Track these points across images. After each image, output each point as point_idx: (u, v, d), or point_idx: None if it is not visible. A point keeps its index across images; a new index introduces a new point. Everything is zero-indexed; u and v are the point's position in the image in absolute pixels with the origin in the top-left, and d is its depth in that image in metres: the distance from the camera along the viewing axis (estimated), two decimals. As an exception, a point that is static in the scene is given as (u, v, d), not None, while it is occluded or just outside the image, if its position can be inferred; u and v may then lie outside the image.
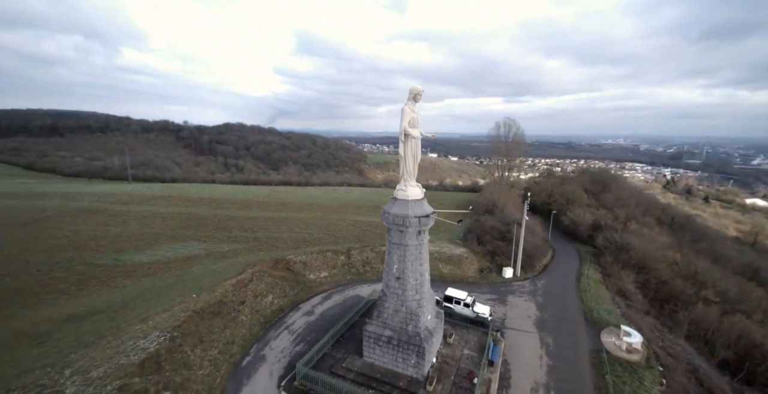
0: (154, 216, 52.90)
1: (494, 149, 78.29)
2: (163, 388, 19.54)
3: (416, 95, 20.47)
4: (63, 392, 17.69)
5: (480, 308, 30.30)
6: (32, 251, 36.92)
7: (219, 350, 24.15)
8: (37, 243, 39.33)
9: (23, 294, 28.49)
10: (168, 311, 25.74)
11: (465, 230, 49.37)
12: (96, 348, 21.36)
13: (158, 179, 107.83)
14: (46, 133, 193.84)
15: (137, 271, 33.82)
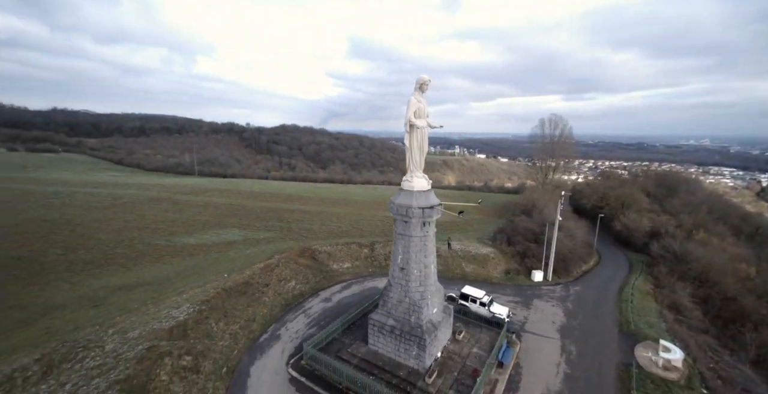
0: (207, 205, 58.72)
1: (537, 149, 73.31)
2: (185, 353, 21.75)
3: (422, 85, 20.36)
4: (103, 347, 20.60)
5: (497, 309, 29.05)
6: (105, 230, 43.29)
7: (240, 325, 26.16)
8: (110, 224, 45.96)
9: (91, 265, 33.63)
10: (201, 287, 28.49)
11: (496, 230, 47.37)
12: (137, 313, 24.45)
13: (220, 175, 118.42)
14: (135, 134, 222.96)
15: (183, 251, 37.95)
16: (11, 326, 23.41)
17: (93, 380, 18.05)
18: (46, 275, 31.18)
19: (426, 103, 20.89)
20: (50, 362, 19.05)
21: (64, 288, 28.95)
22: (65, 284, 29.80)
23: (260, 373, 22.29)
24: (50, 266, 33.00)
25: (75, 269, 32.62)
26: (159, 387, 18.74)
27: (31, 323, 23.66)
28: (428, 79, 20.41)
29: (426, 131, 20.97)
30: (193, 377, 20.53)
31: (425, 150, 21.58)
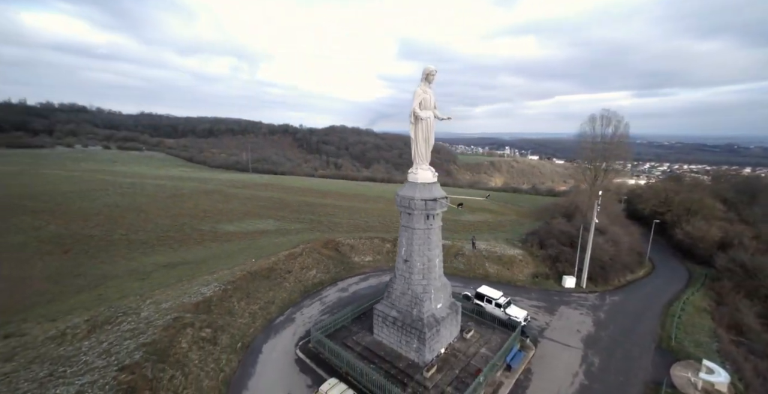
0: (252, 198, 63.33)
1: (586, 148, 66.65)
2: (206, 326, 23.78)
3: (428, 75, 20.04)
4: (139, 314, 23.31)
5: (514, 311, 27.50)
6: (163, 216, 48.78)
7: (260, 306, 27.88)
8: (168, 211, 51.66)
9: (145, 245, 38.17)
10: (230, 269, 30.85)
11: (528, 232, 44.63)
12: (172, 288, 27.24)
13: (272, 172, 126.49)
14: (205, 135, 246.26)
15: (222, 237, 41.42)
16: (73, 291, 27.56)
17: (125, 341, 20.55)
18: (108, 251, 36.10)
19: (433, 94, 20.56)
20: (95, 323, 22.06)
21: (120, 263, 33.35)
22: (122, 259, 34.27)
23: (271, 351, 23.58)
24: (114, 243, 38.15)
25: (132, 248, 37.34)
26: (178, 353, 20.74)
27: (88, 290, 27.63)
28: (434, 70, 20.06)
29: (431, 122, 20.62)
30: (210, 347, 22.38)
31: (431, 142, 21.26)
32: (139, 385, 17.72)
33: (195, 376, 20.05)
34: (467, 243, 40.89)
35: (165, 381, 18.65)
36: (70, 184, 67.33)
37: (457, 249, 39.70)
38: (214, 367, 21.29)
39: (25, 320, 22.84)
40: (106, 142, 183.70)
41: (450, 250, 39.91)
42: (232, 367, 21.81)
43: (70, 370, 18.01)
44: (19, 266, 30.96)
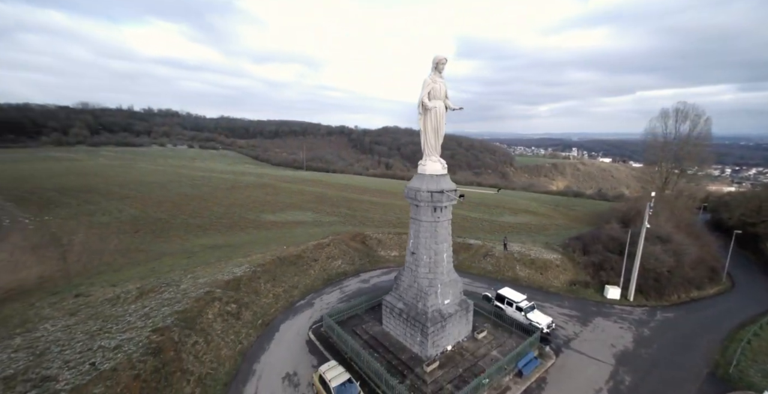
0: (297, 192, 67.26)
1: (656, 147, 58.42)
2: (233, 301, 25.95)
3: (438, 64, 19.52)
4: (179, 285, 26.25)
5: (536, 316, 25.46)
6: (219, 205, 54.17)
7: (284, 289, 29.61)
8: (223, 200, 57.21)
9: (199, 229, 42.77)
10: (262, 253, 33.20)
11: (572, 237, 40.74)
12: (211, 266, 30.18)
13: (324, 169, 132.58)
14: (271, 136, 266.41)
15: (264, 225, 44.66)
16: (134, 263, 32.00)
17: (163, 307, 23.32)
18: (168, 232, 41.20)
19: (444, 84, 19.97)
20: (143, 290, 25.39)
21: (175, 242, 37.89)
22: (178, 240, 38.89)
23: (287, 330, 24.94)
24: (174, 226, 43.45)
25: (188, 230, 42.15)
26: (204, 322, 22.98)
27: (145, 263, 31.88)
28: (444, 58, 19.50)
29: (441, 112, 20.04)
30: (233, 321, 24.40)
31: (441, 133, 20.67)
32: (166, 345, 20.02)
33: (215, 344, 22.05)
34: (499, 244, 38.75)
35: (188, 345, 20.80)
36: (154, 176, 77.99)
37: (486, 250, 37.84)
38: (234, 338, 23.18)
39: (93, 284, 27.20)
40: (191, 141, 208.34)
41: (479, 250, 38.21)
42: (249, 340, 23.53)
43: (115, 327, 21.02)
44: (100, 241, 36.90)
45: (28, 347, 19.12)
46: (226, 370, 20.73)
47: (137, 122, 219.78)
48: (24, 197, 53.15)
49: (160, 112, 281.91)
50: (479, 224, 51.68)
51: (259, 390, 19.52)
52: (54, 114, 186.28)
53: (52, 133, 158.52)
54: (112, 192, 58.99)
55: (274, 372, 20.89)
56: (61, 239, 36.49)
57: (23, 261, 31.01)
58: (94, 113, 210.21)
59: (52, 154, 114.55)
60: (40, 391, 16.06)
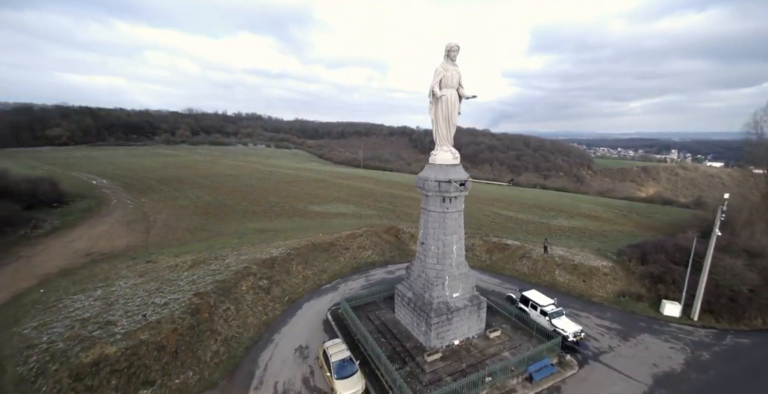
0: (347, 187, 70.37)
1: (755, 147, 47.53)
2: (265, 278, 28.62)
3: (450, 52, 19.13)
4: (224, 260, 29.81)
5: (562, 323, 23.23)
6: (275, 195, 59.47)
7: (313, 272, 31.62)
8: (280, 192, 62.58)
9: (253, 215, 47.58)
10: (299, 238, 35.79)
11: (630, 243, 35.71)
12: (254, 246, 33.57)
13: (381, 168, 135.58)
14: (337, 137, 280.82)
15: (308, 215, 47.82)
16: (196, 240, 37.07)
17: (207, 276, 26.80)
18: (229, 217, 46.66)
19: (457, 71, 19.49)
20: (196, 261, 29.43)
21: (233, 225, 42.84)
22: (235, 223, 43.88)
23: (308, 309, 26.72)
24: (235, 211, 49.07)
25: (245, 216, 47.23)
26: (237, 293, 25.84)
27: (205, 240, 36.72)
28: (455, 45, 19.04)
29: (452, 101, 19.60)
30: (263, 295, 26.95)
31: (453, 122, 20.21)
32: (202, 308, 23.08)
33: (244, 312, 24.67)
34: (539, 246, 35.86)
35: (221, 310, 23.67)
36: (232, 170, 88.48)
37: (525, 251, 35.31)
38: (261, 310, 25.63)
39: (162, 253, 32.33)
40: (269, 141, 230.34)
41: (516, 251, 35.84)
42: (275, 313, 25.78)
43: (168, 289, 24.85)
44: (176, 220, 43.53)
45: (103, 298, 23.74)
46: (249, 335, 23.10)
47: (228, 125, 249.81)
48: (132, 183, 64.89)
49: (247, 116, 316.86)
50: (524, 226, 48.24)
51: (274, 356, 21.39)
52: (165, 118, 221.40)
53: (163, 133, 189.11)
54: (196, 182, 68.67)
55: (289, 343, 22.65)
56: (149, 217, 44.03)
57: (118, 233, 38.27)
58: (195, 117, 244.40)
59: (161, 151, 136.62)
60: (103, 332, 19.92)
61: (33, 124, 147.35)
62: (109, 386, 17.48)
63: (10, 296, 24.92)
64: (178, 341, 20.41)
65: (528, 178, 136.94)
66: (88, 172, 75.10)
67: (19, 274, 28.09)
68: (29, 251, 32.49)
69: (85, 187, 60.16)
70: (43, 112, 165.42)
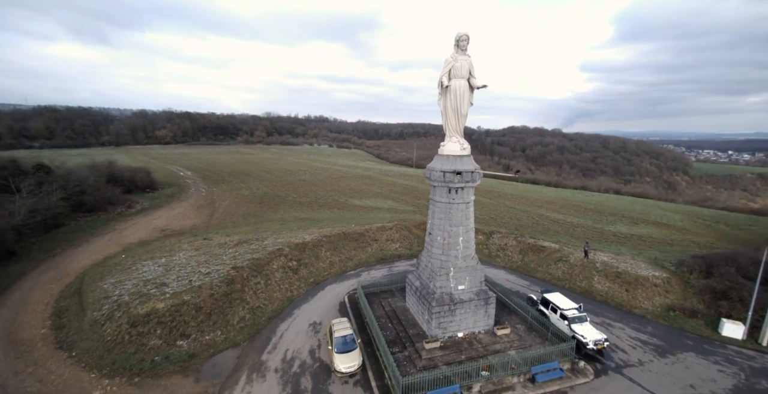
0: (390, 184, 71.74)
1: None
2: (295, 260, 31.22)
3: (459, 41, 19.03)
4: (263, 241, 33.19)
5: (583, 329, 21.37)
6: (322, 189, 63.31)
7: (340, 259, 33.47)
8: (328, 186, 66.38)
9: (299, 205, 51.45)
10: (332, 227, 38.04)
11: (694, 254, 30.68)
12: (292, 231, 36.67)
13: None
14: (396, 137, 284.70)
15: (346, 207, 50.16)
16: (247, 223, 41.61)
17: (246, 254, 30.18)
18: (278, 206, 51.20)
19: (467, 61, 19.27)
20: (240, 241, 33.29)
21: (279, 213, 47.02)
22: (282, 211, 48.06)
23: (330, 291, 28.52)
24: (285, 201, 53.64)
25: (293, 206, 51.36)
26: (268, 270, 28.73)
27: (253, 224, 41.05)
28: (464, 35, 18.89)
29: (461, 91, 19.41)
30: (290, 274, 29.51)
31: (462, 112, 19.96)
32: (236, 279, 26.28)
33: (272, 288, 27.38)
34: (580, 251, 32.88)
35: (252, 283, 26.64)
36: (292, 166, 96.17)
37: (562, 254, 32.69)
38: (287, 287, 28.15)
39: (217, 233, 37.11)
40: (331, 142, 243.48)
41: (552, 254, 33.36)
42: (299, 292, 28.09)
43: (213, 261, 28.69)
44: (236, 207, 49.34)
45: (164, 265, 28.37)
46: (273, 308, 25.63)
47: (298, 126, 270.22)
48: (209, 175, 74.74)
49: (315, 119, 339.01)
50: (571, 229, 44.26)
51: (290, 328, 23.51)
52: (246, 121, 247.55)
53: (243, 134, 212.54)
54: (259, 176, 76.40)
55: (306, 319, 24.61)
56: (215, 203, 50.64)
57: (189, 214, 44.85)
58: (271, 120, 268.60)
59: (239, 149, 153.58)
60: (157, 291, 23.98)
61: (146, 126, 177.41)
62: (155, 334, 21.11)
63: (102, 258, 31.23)
64: (213, 305, 23.64)
65: (601, 183, 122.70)
66: (179, 166, 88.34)
67: (111, 242, 34.91)
68: (121, 225, 40.03)
69: (174, 177, 71.08)
70: (154, 116, 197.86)
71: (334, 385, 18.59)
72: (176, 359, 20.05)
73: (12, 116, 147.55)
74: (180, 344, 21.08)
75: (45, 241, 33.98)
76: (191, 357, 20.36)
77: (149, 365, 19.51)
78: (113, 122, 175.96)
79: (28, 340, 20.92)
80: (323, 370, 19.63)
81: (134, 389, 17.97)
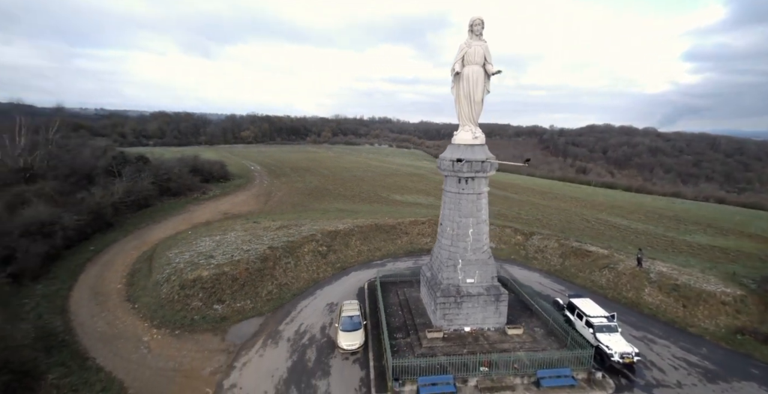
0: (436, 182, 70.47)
1: None
2: (325, 245, 33.09)
3: (473, 26, 18.51)
4: (301, 227, 35.81)
5: (611, 340, 19.01)
6: (369, 185, 65.13)
7: (369, 249, 34.50)
8: (375, 182, 68.06)
9: (342, 198, 53.85)
10: (366, 218, 39.34)
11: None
12: (328, 220, 38.87)
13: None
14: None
15: (387, 202, 50.95)
16: (292, 211, 45.11)
17: (283, 237, 32.93)
18: (324, 197, 54.30)
19: (482, 47, 18.61)
20: (281, 226, 36.38)
21: (323, 204, 49.92)
22: (325, 203, 50.90)
23: (353, 277, 29.71)
24: (331, 194, 56.68)
25: (336, 198, 54.05)
26: (299, 252, 31.04)
27: (298, 213, 44.37)
28: (478, 19, 18.30)
29: (474, 77, 18.80)
30: (319, 258, 31.47)
31: (475, 99, 19.28)
32: (270, 258, 29.00)
33: (300, 268, 29.59)
34: (631, 258, 28.88)
35: (282, 262, 29.12)
36: (348, 164, 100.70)
37: (610, 261, 29.07)
38: (314, 269, 30.12)
39: (265, 218, 41.04)
40: (392, 142, 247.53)
41: (599, 260, 29.89)
42: (324, 275, 29.84)
43: (255, 240, 31.97)
44: (288, 197, 53.91)
45: (217, 241, 32.50)
46: (298, 286, 27.72)
47: (361, 127, 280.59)
48: (274, 169, 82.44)
49: (379, 120, 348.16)
50: (631, 236, 38.80)
51: (309, 305, 25.23)
52: (316, 123, 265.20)
53: (312, 135, 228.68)
54: (316, 171, 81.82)
55: (325, 299, 26.12)
56: (271, 193, 55.98)
57: (248, 201, 50.40)
58: (338, 122, 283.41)
59: (306, 149, 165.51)
60: (205, 262, 27.66)
61: (233, 128, 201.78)
62: (197, 297, 24.51)
63: (173, 233, 36.97)
64: (247, 278, 26.51)
65: (701, 190, 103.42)
66: (252, 161, 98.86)
67: (183, 221, 41.06)
68: (194, 208, 46.72)
69: (245, 170, 80.00)
70: (240, 119, 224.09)
71: (335, 360, 19.59)
72: (210, 320, 23.06)
73: (136, 120, 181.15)
74: (215, 307, 24.16)
75: (135, 217, 41.48)
76: (222, 320, 23.20)
77: (189, 321, 22.78)
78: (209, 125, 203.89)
79: (106, 292, 26.03)
80: (328, 345, 20.77)
81: (173, 339, 21.22)
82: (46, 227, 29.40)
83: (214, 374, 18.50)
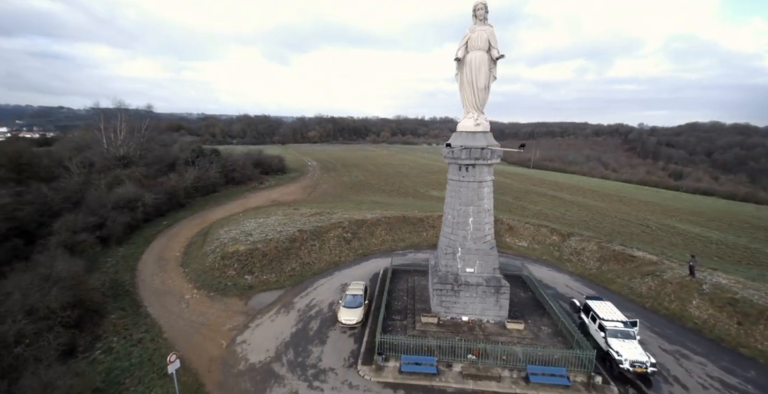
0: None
1: None
2: (350, 232, 34.73)
3: (476, 11, 18.34)
4: (332, 215, 38.14)
5: (624, 347, 17.13)
6: (411, 180, 65.41)
7: (393, 239, 35.35)
8: (416, 178, 68.07)
9: (381, 191, 55.13)
10: (396, 211, 40.20)
11: None
12: (360, 210, 40.69)
13: (557, 169, 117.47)
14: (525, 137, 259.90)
15: (422, 196, 50.84)
16: (331, 201, 47.87)
17: (313, 222, 35.53)
18: (364, 190, 56.27)
19: (486, 32, 18.36)
20: (316, 213, 39.11)
21: (361, 195, 51.85)
22: (363, 195, 52.74)
23: (372, 263, 30.84)
24: (372, 188, 58.46)
25: (374, 191, 55.62)
26: (325, 237, 33.25)
27: (335, 203, 46.99)
28: (480, 3, 18.05)
29: (476, 63, 18.58)
30: (342, 243, 33.30)
31: (479, 85, 18.97)
32: (297, 239, 31.71)
33: (324, 251, 31.76)
34: (680, 264, 24.97)
35: (308, 244, 31.59)
36: (397, 162, 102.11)
37: (656, 268, 25.54)
38: (337, 253, 32.04)
39: (305, 206, 44.25)
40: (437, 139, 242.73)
41: (642, 266, 26.48)
42: (346, 259, 31.56)
43: (289, 224, 35.09)
44: (332, 189, 57.31)
45: (260, 223, 36.38)
46: (319, 267, 29.86)
47: (420, 127, 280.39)
48: (327, 165, 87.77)
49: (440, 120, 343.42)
50: (695, 243, 33.17)
51: (325, 284, 27.09)
52: (376, 123, 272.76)
53: (371, 135, 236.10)
54: (365, 167, 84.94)
55: (341, 280, 27.68)
56: (317, 185, 60.10)
57: (295, 192, 54.95)
58: (398, 122, 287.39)
59: (365, 147, 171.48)
60: (245, 238, 31.44)
61: (302, 128, 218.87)
62: (233, 267, 28.08)
63: (228, 214, 42.27)
64: (275, 255, 29.48)
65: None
66: (311, 158, 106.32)
67: (239, 205, 46.63)
68: (251, 196, 52.58)
69: (302, 165, 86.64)
70: (309, 120, 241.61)
71: (334, 332, 21.02)
72: (240, 287, 26.30)
73: (224, 122, 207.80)
74: (246, 277, 27.43)
75: (202, 201, 48.33)
76: (249, 288, 26.30)
77: (223, 286, 26.31)
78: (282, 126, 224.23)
79: (167, 257, 31.23)
80: (331, 319, 22.28)
81: (208, 299, 24.81)
82: (131, 203, 36.28)
83: (232, 330, 21.29)
